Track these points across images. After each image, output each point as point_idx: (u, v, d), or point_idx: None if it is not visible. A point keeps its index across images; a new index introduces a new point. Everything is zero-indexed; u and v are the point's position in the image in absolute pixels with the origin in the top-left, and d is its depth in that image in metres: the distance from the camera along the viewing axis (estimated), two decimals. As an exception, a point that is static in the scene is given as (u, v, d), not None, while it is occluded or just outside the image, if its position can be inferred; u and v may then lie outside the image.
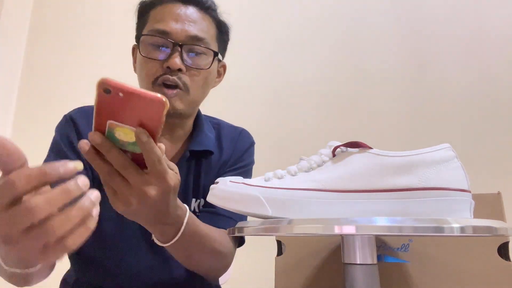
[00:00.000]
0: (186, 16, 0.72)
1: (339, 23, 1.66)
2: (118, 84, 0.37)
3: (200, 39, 0.72)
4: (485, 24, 1.51)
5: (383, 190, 0.48)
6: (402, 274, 0.66)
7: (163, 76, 0.70)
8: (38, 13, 1.97)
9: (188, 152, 0.77)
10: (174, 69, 0.69)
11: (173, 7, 0.73)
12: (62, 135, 0.74)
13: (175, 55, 0.69)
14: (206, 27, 0.75)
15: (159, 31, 0.71)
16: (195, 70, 0.72)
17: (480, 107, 1.43)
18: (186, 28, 0.71)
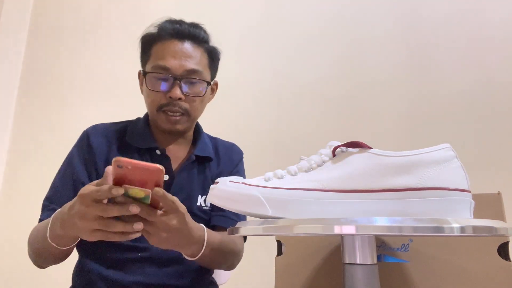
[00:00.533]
0: (183, 52, 0.86)
1: (339, 23, 1.66)
2: (126, 160, 0.52)
3: (195, 71, 0.86)
4: (485, 24, 1.51)
5: (383, 190, 0.48)
6: (402, 274, 0.66)
7: (167, 107, 0.85)
8: (38, 13, 1.98)
9: (194, 156, 0.90)
10: (175, 98, 0.84)
11: (171, 44, 0.87)
12: (78, 148, 0.89)
13: (175, 87, 0.84)
14: (199, 59, 0.88)
15: (161, 67, 0.85)
16: (193, 97, 0.87)
17: (480, 107, 1.43)
18: (183, 63, 0.85)
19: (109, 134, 0.90)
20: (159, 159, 0.88)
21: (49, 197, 0.85)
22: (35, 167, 1.74)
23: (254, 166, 1.13)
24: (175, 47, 0.86)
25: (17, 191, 1.74)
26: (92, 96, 1.81)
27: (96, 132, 0.90)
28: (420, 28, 1.57)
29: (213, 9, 1.79)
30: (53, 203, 0.82)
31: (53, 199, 0.83)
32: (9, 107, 1.85)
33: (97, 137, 0.88)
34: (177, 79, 0.85)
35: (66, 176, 0.86)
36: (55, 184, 0.86)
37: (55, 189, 0.85)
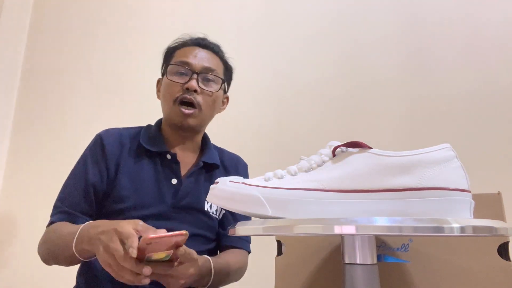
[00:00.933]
0: (202, 55, 0.97)
1: (339, 24, 1.66)
2: (156, 237, 0.58)
3: (212, 69, 0.96)
4: (485, 24, 1.51)
5: (383, 190, 0.48)
6: (402, 274, 0.66)
7: (181, 96, 0.92)
8: (38, 13, 1.98)
9: (202, 162, 0.97)
10: (191, 89, 0.92)
11: (193, 48, 0.98)
12: (91, 151, 0.93)
13: (193, 79, 0.92)
14: (216, 63, 0.99)
15: (182, 62, 0.95)
16: (207, 92, 0.95)
17: (480, 107, 1.43)
18: (201, 62, 0.95)
19: (122, 138, 0.95)
20: (169, 163, 0.93)
21: (61, 198, 0.89)
22: (35, 167, 1.74)
23: (254, 166, 1.13)
24: (196, 50, 0.97)
25: (17, 191, 1.74)
26: (92, 96, 1.81)
27: (109, 135, 0.94)
28: (420, 29, 1.57)
29: (213, 9, 1.79)
30: (65, 204, 0.87)
31: (65, 200, 0.88)
32: (9, 107, 1.85)
33: (110, 140, 0.93)
34: (195, 72, 0.93)
35: (78, 178, 0.90)
36: (67, 185, 0.91)
37: (67, 190, 0.90)
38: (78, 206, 0.87)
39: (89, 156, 0.92)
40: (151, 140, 0.95)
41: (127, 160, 0.92)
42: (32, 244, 1.73)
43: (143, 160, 0.93)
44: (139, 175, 0.90)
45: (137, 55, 1.79)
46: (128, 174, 0.90)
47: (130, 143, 0.95)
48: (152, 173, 0.92)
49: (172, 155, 0.94)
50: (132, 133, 0.97)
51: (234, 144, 1.58)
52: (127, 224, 0.64)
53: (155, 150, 0.93)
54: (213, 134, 1.08)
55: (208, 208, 0.94)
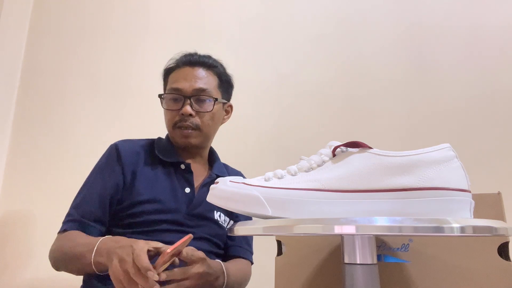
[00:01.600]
0: (193, 75, 0.99)
1: (339, 23, 1.66)
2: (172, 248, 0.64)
3: (203, 89, 0.98)
4: (485, 23, 1.51)
5: (383, 190, 0.48)
6: (402, 274, 0.66)
7: (180, 123, 0.97)
8: (38, 13, 1.98)
9: (214, 175, 1.02)
10: (186, 114, 0.96)
11: (184, 70, 1.00)
12: (107, 160, 0.97)
13: (186, 105, 0.96)
14: (208, 80, 1.00)
15: (173, 89, 0.99)
16: (202, 113, 0.98)
17: (480, 107, 1.43)
18: (192, 84, 0.98)
19: (137, 148, 0.99)
20: (183, 172, 0.98)
21: (75, 206, 0.92)
22: (35, 167, 1.74)
23: (254, 166, 1.13)
24: (186, 72, 0.99)
25: (17, 191, 1.74)
26: (92, 96, 1.81)
27: (125, 144, 0.99)
28: (420, 29, 1.57)
29: (213, 9, 1.79)
30: (78, 212, 0.90)
31: (79, 208, 0.91)
32: (9, 107, 1.85)
33: (126, 149, 0.97)
34: (187, 97, 0.97)
35: (94, 187, 0.93)
36: (83, 193, 0.93)
37: (82, 198, 0.92)
38: (92, 214, 0.90)
39: (106, 165, 0.95)
40: (165, 151, 1.00)
41: (143, 168, 0.96)
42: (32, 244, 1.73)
43: (158, 169, 0.97)
44: (156, 181, 0.94)
45: (138, 55, 1.79)
46: (145, 180, 0.94)
47: (145, 153, 0.99)
48: (167, 181, 0.96)
49: (186, 165, 0.99)
50: (145, 144, 1.02)
51: (235, 144, 1.58)
52: (145, 244, 0.68)
53: (169, 160, 0.98)
54: (213, 134, 1.08)
55: (217, 218, 0.98)
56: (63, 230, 0.89)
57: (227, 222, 1.01)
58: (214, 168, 1.04)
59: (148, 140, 1.05)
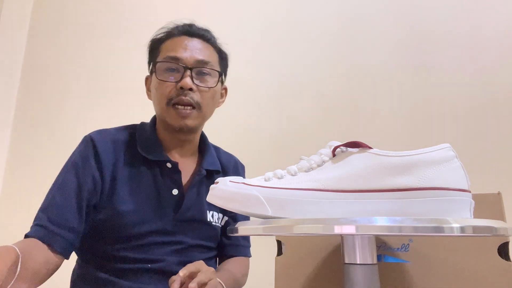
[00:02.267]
0: (193, 46, 0.85)
1: (339, 23, 1.66)
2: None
3: (206, 62, 0.85)
4: (485, 23, 1.51)
5: (383, 190, 0.48)
6: (402, 274, 0.66)
7: (177, 98, 0.82)
8: (38, 13, 1.97)
9: (204, 171, 0.89)
10: (186, 88, 0.81)
11: (181, 39, 0.86)
12: (82, 155, 0.81)
13: (186, 77, 0.82)
14: (209, 53, 0.88)
15: (172, 58, 0.83)
16: (204, 89, 0.84)
17: (480, 107, 1.43)
18: (193, 55, 0.84)
19: (116, 142, 0.84)
20: (170, 172, 0.85)
21: (44, 208, 0.76)
22: (35, 167, 1.74)
23: (254, 166, 1.13)
24: (185, 41, 0.86)
25: (17, 191, 1.74)
26: (92, 96, 1.81)
27: (102, 138, 0.83)
28: (420, 28, 1.57)
29: (213, 9, 1.79)
30: (47, 216, 0.74)
31: (48, 211, 0.74)
32: (9, 107, 1.85)
33: (104, 144, 0.82)
34: (188, 68, 0.83)
35: (67, 187, 0.77)
36: (53, 193, 0.77)
37: (52, 199, 0.76)
38: (62, 220, 0.74)
39: (81, 162, 0.80)
40: (148, 146, 0.85)
41: (124, 168, 0.82)
42: (32, 244, 1.71)
43: (141, 169, 0.83)
44: (138, 187, 0.81)
45: (138, 55, 1.79)
46: (126, 186, 0.80)
47: (126, 149, 0.84)
48: (151, 184, 0.83)
49: (173, 164, 0.85)
50: (127, 136, 0.86)
51: (235, 144, 1.58)
52: None
53: (154, 158, 0.84)
54: (212, 134, 1.07)
55: (210, 218, 0.89)
56: (26, 236, 0.72)
57: (221, 219, 0.93)
58: (204, 162, 0.90)
59: (127, 130, 0.89)
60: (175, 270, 0.79)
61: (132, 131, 0.89)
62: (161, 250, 0.81)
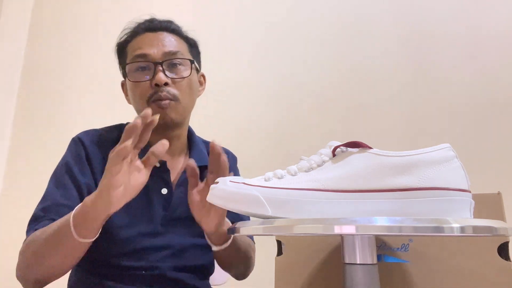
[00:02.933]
0: (158, 40, 0.84)
1: (338, 23, 1.66)
2: None
3: (175, 52, 0.83)
4: (485, 23, 1.51)
5: (383, 190, 0.48)
6: (402, 274, 0.66)
7: (154, 95, 0.80)
8: (38, 13, 1.97)
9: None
10: (161, 84, 0.79)
11: (145, 36, 0.85)
12: (74, 156, 0.81)
13: (158, 73, 0.80)
14: (176, 43, 0.86)
15: (139, 56, 0.82)
16: (179, 80, 0.83)
17: (480, 107, 1.43)
18: (160, 48, 0.82)
19: (104, 143, 0.83)
20: (158, 171, 0.82)
21: (43, 209, 0.75)
22: (35, 167, 1.74)
23: (254, 166, 1.13)
24: (149, 37, 0.84)
25: (17, 191, 1.74)
26: (92, 96, 1.81)
27: (90, 139, 0.83)
28: (420, 28, 1.57)
29: (214, 10, 1.79)
30: (50, 215, 0.73)
31: (50, 211, 0.74)
32: (9, 107, 1.85)
33: (93, 145, 0.82)
34: (158, 63, 0.81)
35: (64, 187, 0.76)
36: (51, 197, 0.76)
37: (52, 202, 0.75)
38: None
39: (74, 163, 0.79)
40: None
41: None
42: (32, 244, 1.71)
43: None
44: None
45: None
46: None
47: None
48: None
49: (161, 162, 0.83)
50: (115, 136, 0.85)
51: (234, 144, 1.57)
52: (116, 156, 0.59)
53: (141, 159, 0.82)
54: (212, 133, 1.07)
55: None
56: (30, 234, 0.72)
57: None
58: (192, 157, 0.87)
59: (115, 130, 0.87)
60: (171, 276, 0.79)
61: (117, 132, 0.87)
62: (155, 256, 0.78)
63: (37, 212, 0.75)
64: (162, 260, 0.79)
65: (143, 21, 0.88)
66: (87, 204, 0.63)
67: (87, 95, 1.81)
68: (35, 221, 0.75)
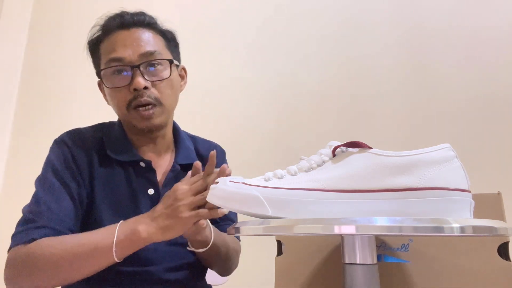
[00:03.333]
0: (132, 39, 0.78)
1: (339, 23, 1.66)
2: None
3: (152, 53, 0.78)
4: (485, 23, 1.51)
5: (383, 190, 0.48)
6: (402, 274, 0.66)
7: (134, 101, 0.76)
8: (38, 13, 1.97)
9: (178, 166, 0.84)
10: (140, 88, 0.75)
11: (118, 35, 0.79)
12: (58, 158, 0.78)
13: (136, 77, 0.75)
14: (153, 41, 0.80)
15: (114, 60, 0.77)
16: (159, 82, 0.78)
17: (480, 107, 1.43)
18: (136, 49, 0.77)
19: (89, 144, 0.81)
20: (144, 171, 0.81)
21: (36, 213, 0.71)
22: (35, 167, 1.74)
23: (254, 166, 1.13)
24: (123, 36, 0.78)
25: (17, 191, 1.74)
26: (92, 96, 1.81)
27: (73, 140, 0.81)
28: (420, 29, 1.57)
29: (215, 10, 1.79)
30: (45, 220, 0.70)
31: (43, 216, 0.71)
32: (9, 107, 1.85)
33: (76, 146, 0.79)
34: (135, 66, 0.76)
35: (56, 192, 0.74)
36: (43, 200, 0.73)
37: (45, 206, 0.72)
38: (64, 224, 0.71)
39: (60, 166, 0.77)
40: (119, 147, 0.81)
41: (98, 171, 0.78)
42: (32, 244, 1.71)
43: (114, 171, 0.79)
44: (112, 190, 0.78)
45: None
46: (101, 190, 0.77)
47: (98, 150, 0.80)
48: (126, 186, 0.79)
49: (146, 162, 0.81)
50: (97, 136, 0.83)
51: (234, 144, 1.57)
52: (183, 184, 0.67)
53: (126, 159, 0.80)
54: (213, 134, 1.07)
55: None
56: (30, 240, 0.68)
57: None
58: (178, 156, 0.86)
59: (100, 129, 0.85)
60: (165, 277, 0.78)
61: (99, 132, 0.85)
62: (147, 259, 0.76)
63: (27, 215, 0.72)
64: (153, 262, 0.77)
65: (113, 16, 0.82)
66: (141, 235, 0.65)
67: (87, 95, 1.81)
68: (24, 224, 0.72)
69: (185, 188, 0.66)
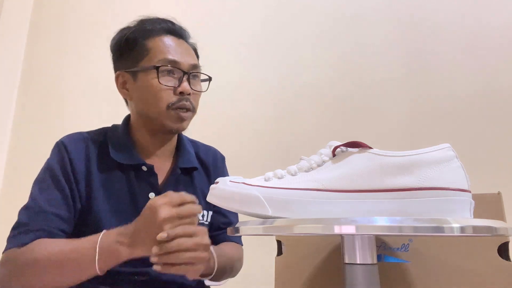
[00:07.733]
0: (184, 48, 0.85)
1: (339, 24, 1.66)
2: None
3: (197, 66, 0.86)
4: (485, 24, 1.51)
5: (383, 190, 0.48)
6: (402, 274, 0.66)
7: (179, 103, 0.80)
8: (38, 13, 1.97)
9: (179, 170, 0.86)
10: (186, 93, 0.81)
11: (169, 40, 0.84)
12: (57, 160, 0.80)
13: (185, 82, 0.81)
14: (195, 56, 0.88)
15: (171, 61, 0.81)
16: (198, 93, 0.85)
17: (480, 107, 1.43)
18: (187, 59, 0.83)
19: (88, 148, 0.82)
20: (146, 176, 0.82)
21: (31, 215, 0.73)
22: (35, 167, 1.74)
23: (254, 166, 1.13)
24: (176, 43, 0.84)
25: (17, 191, 1.74)
26: (92, 96, 1.81)
27: (73, 143, 0.82)
28: (420, 29, 1.57)
29: (214, 10, 1.79)
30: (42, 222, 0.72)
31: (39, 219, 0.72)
32: (9, 107, 1.85)
33: (76, 150, 0.80)
34: (186, 73, 0.82)
35: (52, 194, 0.75)
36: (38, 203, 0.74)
37: (40, 208, 0.73)
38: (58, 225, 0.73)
39: (58, 169, 0.78)
40: (121, 150, 0.82)
41: (98, 175, 0.79)
42: (32, 244, 1.71)
43: (115, 174, 0.80)
44: (113, 194, 0.79)
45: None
46: (101, 194, 0.78)
47: (98, 154, 0.82)
48: (127, 189, 0.80)
49: (148, 166, 0.82)
50: (99, 140, 0.84)
51: (234, 144, 1.58)
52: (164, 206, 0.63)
53: (128, 163, 0.81)
54: (213, 134, 1.07)
55: None
56: (22, 244, 0.69)
57: (206, 215, 0.89)
58: (179, 160, 0.87)
59: (101, 133, 0.86)
60: (163, 280, 0.78)
61: (102, 135, 0.86)
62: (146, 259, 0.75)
63: (22, 219, 0.73)
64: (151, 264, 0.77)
65: (159, 20, 0.87)
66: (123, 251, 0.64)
67: (86, 95, 1.81)
68: (18, 227, 0.73)
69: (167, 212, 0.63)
